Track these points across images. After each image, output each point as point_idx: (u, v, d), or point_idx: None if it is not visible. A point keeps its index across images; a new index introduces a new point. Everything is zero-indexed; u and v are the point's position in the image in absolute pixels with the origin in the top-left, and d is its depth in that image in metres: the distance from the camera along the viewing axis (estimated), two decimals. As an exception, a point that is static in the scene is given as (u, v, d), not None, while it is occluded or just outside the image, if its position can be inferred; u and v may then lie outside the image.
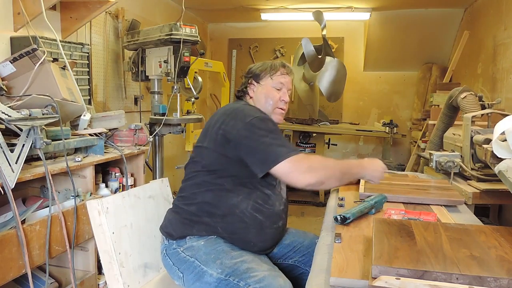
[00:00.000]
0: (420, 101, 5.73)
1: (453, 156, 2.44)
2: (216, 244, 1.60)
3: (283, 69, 1.86)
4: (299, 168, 1.52)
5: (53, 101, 2.08)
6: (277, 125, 1.73)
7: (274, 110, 1.83)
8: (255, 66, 1.91)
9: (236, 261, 1.53)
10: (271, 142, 1.56)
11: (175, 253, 1.62)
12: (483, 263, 1.02)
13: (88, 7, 2.96)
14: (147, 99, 3.89)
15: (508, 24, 3.84)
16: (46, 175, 1.92)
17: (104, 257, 1.60)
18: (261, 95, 1.84)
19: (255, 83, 1.87)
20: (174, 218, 1.69)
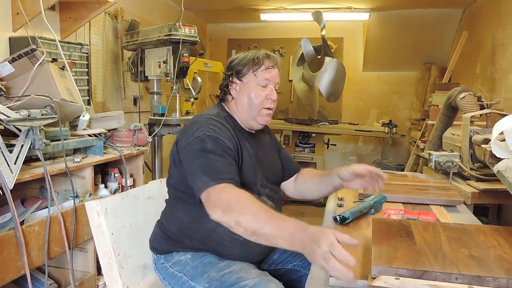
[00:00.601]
0: (419, 101, 5.73)
1: (452, 156, 2.44)
2: (203, 257, 1.53)
3: (268, 62, 1.60)
4: (213, 202, 1.28)
5: (52, 101, 2.08)
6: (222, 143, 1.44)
7: (260, 111, 1.60)
8: (236, 59, 1.64)
9: (223, 272, 1.44)
10: (196, 170, 1.36)
11: (163, 268, 1.58)
12: (482, 263, 1.02)
13: (87, 7, 2.96)
14: (146, 100, 3.89)
15: (507, 24, 3.84)
16: (45, 176, 1.92)
17: (103, 258, 1.59)
18: (244, 96, 1.60)
19: (237, 80, 1.62)
20: (159, 234, 1.63)
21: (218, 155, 1.40)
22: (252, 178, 1.55)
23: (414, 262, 1.03)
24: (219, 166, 1.37)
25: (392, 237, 1.25)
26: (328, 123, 5.35)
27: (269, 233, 1.16)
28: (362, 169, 1.56)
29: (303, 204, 5.07)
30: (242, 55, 1.63)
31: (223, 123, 1.54)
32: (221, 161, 1.39)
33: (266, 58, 1.61)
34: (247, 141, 1.61)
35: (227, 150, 1.44)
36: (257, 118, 1.61)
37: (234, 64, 1.63)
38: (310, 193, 1.81)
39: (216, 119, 1.53)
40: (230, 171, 1.38)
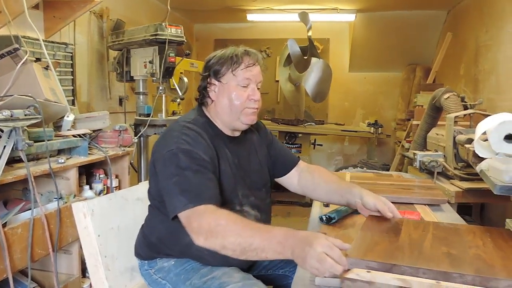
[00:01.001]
0: (404, 101, 5.79)
1: (437, 156, 2.47)
2: (186, 263, 1.48)
3: (248, 59, 1.48)
4: (195, 229, 1.22)
5: (35, 101, 2.05)
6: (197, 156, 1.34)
7: (243, 111, 1.48)
8: (213, 58, 1.51)
9: (206, 279, 1.40)
10: (172, 189, 1.29)
11: (147, 274, 1.55)
12: (455, 261, 1.04)
13: (72, 6, 2.93)
14: (132, 100, 3.86)
15: (490, 26, 3.90)
16: (28, 177, 1.89)
17: (89, 260, 1.57)
18: (224, 98, 1.48)
19: (216, 81, 1.50)
20: (141, 240, 1.59)
21: (194, 171, 1.30)
22: (232, 189, 1.47)
23: (387, 257, 1.04)
24: (196, 185, 1.28)
25: (378, 233, 1.27)
26: (315, 123, 5.38)
27: (258, 247, 1.13)
28: (384, 210, 1.43)
29: (289, 204, 5.08)
30: (220, 53, 1.51)
31: (199, 131, 1.43)
32: (198, 179, 1.30)
33: (246, 55, 1.48)
34: (227, 148, 1.51)
35: (203, 164, 1.34)
36: (241, 118, 1.50)
37: (211, 63, 1.51)
38: (317, 195, 1.71)
39: (192, 127, 1.43)
40: (208, 188, 1.30)
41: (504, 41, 3.56)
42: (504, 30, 3.56)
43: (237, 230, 1.17)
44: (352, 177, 2.28)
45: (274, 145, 1.74)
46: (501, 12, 3.65)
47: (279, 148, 1.75)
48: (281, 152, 1.75)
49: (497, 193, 1.54)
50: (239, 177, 1.51)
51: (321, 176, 1.70)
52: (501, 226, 2.08)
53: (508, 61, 3.47)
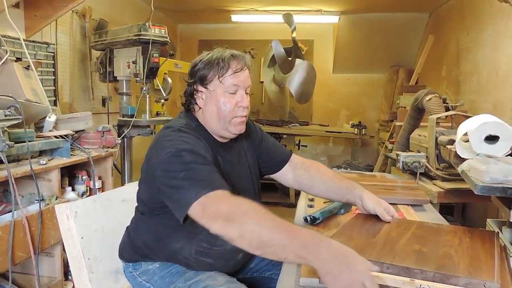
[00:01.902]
0: (387, 103, 5.85)
1: (419, 156, 2.50)
2: (171, 267, 1.45)
3: (235, 65, 1.41)
4: (211, 213, 1.12)
5: (16, 102, 2.02)
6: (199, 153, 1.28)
7: (231, 121, 1.42)
8: (199, 64, 1.43)
9: (190, 282, 1.36)
10: (181, 183, 1.20)
11: (132, 277, 1.52)
12: (422, 258, 1.06)
13: (54, 5, 2.89)
14: (115, 100, 3.82)
15: (471, 29, 3.97)
16: (9, 179, 1.86)
17: (73, 262, 1.55)
18: (212, 105, 1.42)
19: (203, 88, 1.43)
20: (127, 242, 1.55)
21: (200, 163, 1.24)
22: None
23: (357, 251, 1.04)
24: (206, 175, 1.21)
25: (357, 230, 1.28)
26: (299, 124, 5.40)
27: (278, 244, 1.03)
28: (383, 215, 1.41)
29: (274, 205, 5.09)
30: (206, 57, 1.43)
31: (194, 134, 1.39)
32: (206, 170, 1.23)
33: (233, 59, 1.41)
34: (219, 154, 1.46)
35: (206, 160, 1.28)
36: (229, 128, 1.44)
37: (196, 69, 1.43)
38: (316, 193, 1.66)
39: (187, 130, 1.38)
40: (219, 178, 1.23)
41: (484, 44, 3.63)
42: (485, 33, 3.62)
43: (259, 219, 1.08)
44: (336, 178, 2.29)
45: (265, 142, 1.68)
46: (482, 15, 3.71)
47: (270, 144, 1.70)
48: (273, 148, 1.70)
49: (478, 193, 1.56)
50: (230, 183, 1.42)
51: (319, 173, 1.65)
52: (482, 225, 2.11)
53: (488, 63, 3.54)
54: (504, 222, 1.89)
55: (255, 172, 1.64)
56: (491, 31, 3.50)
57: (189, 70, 1.47)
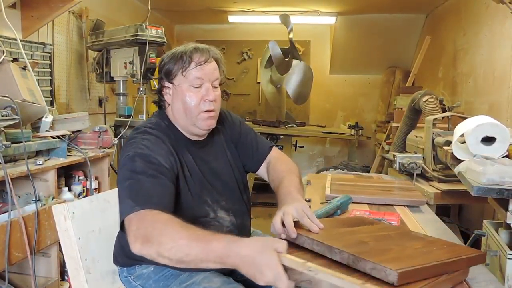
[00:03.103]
0: (384, 104, 5.86)
1: (416, 157, 2.50)
2: (165, 269, 1.42)
3: (198, 57, 1.37)
4: (132, 232, 1.13)
5: (13, 102, 2.01)
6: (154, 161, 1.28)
7: (198, 116, 1.40)
8: (165, 57, 1.42)
9: (185, 285, 1.35)
10: (123, 193, 1.23)
11: (127, 281, 1.49)
12: (354, 245, 1.08)
13: (50, 6, 2.88)
14: (112, 101, 3.82)
15: (467, 30, 3.98)
16: (5, 179, 1.85)
17: (70, 263, 1.54)
18: (178, 101, 1.40)
19: (169, 84, 1.41)
20: (118, 247, 1.53)
21: (148, 175, 1.24)
22: (198, 197, 1.41)
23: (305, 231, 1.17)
24: (147, 189, 1.22)
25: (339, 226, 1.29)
26: (296, 125, 5.41)
27: (195, 259, 1.03)
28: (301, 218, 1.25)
29: (270, 206, 5.09)
30: (171, 52, 1.40)
31: (160, 136, 1.37)
32: (151, 183, 1.23)
33: (195, 52, 1.37)
34: (191, 153, 1.44)
35: (159, 169, 1.27)
36: (197, 123, 1.41)
37: (162, 64, 1.41)
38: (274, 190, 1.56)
39: (152, 132, 1.38)
40: (160, 194, 1.23)
41: (481, 45, 3.64)
42: (481, 34, 3.64)
43: (174, 238, 1.06)
44: (333, 179, 2.29)
45: (243, 137, 1.62)
46: (478, 16, 3.73)
47: (249, 141, 1.63)
48: (251, 146, 1.63)
49: (475, 195, 1.57)
50: (206, 182, 1.44)
51: (274, 175, 1.57)
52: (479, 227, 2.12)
53: (485, 64, 3.55)
54: (500, 223, 1.90)
55: (238, 167, 1.59)
56: (488, 32, 3.52)
57: (159, 67, 1.45)
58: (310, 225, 1.19)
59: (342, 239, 1.13)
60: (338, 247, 1.02)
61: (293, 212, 1.22)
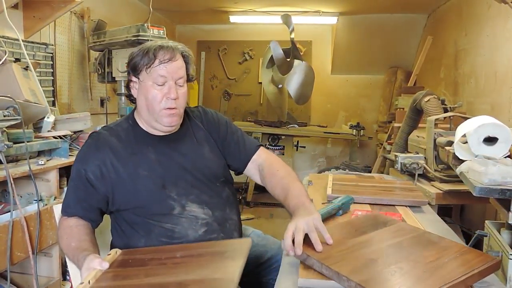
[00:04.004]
0: (385, 104, 5.86)
1: (417, 158, 2.50)
2: None
3: (163, 55, 1.39)
4: (58, 231, 1.42)
5: (14, 102, 2.02)
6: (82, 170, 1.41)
7: (160, 113, 1.42)
8: (135, 52, 1.44)
9: None
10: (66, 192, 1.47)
11: None
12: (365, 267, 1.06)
13: (52, 6, 2.88)
14: (114, 101, 3.82)
15: (469, 30, 3.98)
16: (7, 179, 1.86)
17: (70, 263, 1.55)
18: (142, 96, 1.43)
19: (135, 78, 1.45)
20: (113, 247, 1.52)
21: (74, 185, 1.44)
22: (161, 191, 1.42)
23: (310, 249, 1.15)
24: (69, 197, 1.44)
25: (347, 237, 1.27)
26: (297, 125, 5.40)
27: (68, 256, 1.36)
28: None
29: (272, 206, 5.10)
30: (141, 46, 1.43)
31: (106, 139, 1.46)
32: (74, 192, 1.44)
33: (160, 50, 1.39)
34: (154, 148, 1.47)
35: (83, 181, 1.42)
36: (159, 120, 1.44)
37: (130, 58, 1.43)
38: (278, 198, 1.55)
39: (98, 137, 1.48)
40: (77, 202, 1.42)
41: (483, 45, 3.63)
42: (483, 34, 3.63)
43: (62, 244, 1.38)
44: (335, 179, 2.29)
45: (230, 137, 1.63)
46: (480, 17, 3.72)
47: (235, 140, 1.64)
48: (238, 144, 1.63)
49: (477, 195, 1.57)
50: (171, 176, 1.45)
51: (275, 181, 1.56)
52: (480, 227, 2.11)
53: (487, 64, 3.54)
54: (502, 224, 1.90)
55: (218, 162, 1.58)
56: (490, 32, 3.51)
57: (127, 63, 1.47)
58: (316, 242, 1.17)
59: (352, 257, 1.12)
60: (345, 274, 1.01)
61: (304, 227, 1.20)
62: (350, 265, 1.06)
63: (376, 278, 1.01)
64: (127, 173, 1.42)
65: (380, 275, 1.03)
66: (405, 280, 1.01)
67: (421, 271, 1.05)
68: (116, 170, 1.41)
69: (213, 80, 6.49)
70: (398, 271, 1.04)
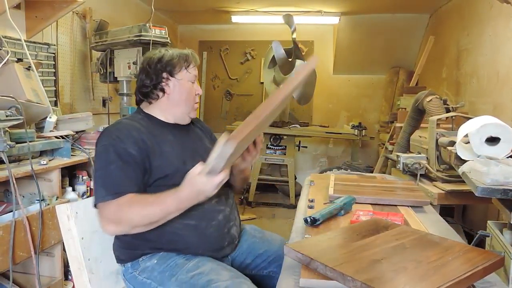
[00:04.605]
0: (387, 104, 5.85)
1: (419, 158, 2.50)
2: (169, 259, 1.51)
3: (194, 60, 1.70)
4: (105, 217, 1.42)
5: (17, 102, 2.02)
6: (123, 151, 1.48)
7: (192, 106, 1.70)
8: (164, 58, 1.65)
9: (193, 274, 1.44)
10: (96, 181, 1.48)
11: (133, 277, 1.55)
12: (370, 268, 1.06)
13: (54, 6, 2.89)
14: (116, 101, 3.83)
15: (471, 30, 3.97)
16: (9, 179, 1.86)
17: (73, 263, 1.55)
18: (181, 92, 1.66)
19: (171, 77, 1.65)
20: (116, 243, 1.61)
21: (117, 165, 1.46)
22: (179, 164, 1.56)
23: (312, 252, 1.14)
24: (115, 178, 1.45)
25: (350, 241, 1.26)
26: (299, 125, 5.40)
27: (161, 217, 1.40)
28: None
29: (274, 206, 5.10)
30: (168, 52, 1.67)
31: (132, 124, 1.59)
32: (119, 172, 1.46)
33: (193, 56, 1.70)
34: (172, 134, 1.66)
35: (128, 158, 1.48)
36: (190, 113, 1.71)
37: (166, 60, 1.65)
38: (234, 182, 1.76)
39: (126, 122, 1.62)
40: (126, 181, 1.45)
41: (484, 45, 3.63)
42: (485, 34, 3.63)
43: (138, 211, 1.40)
44: (336, 179, 2.29)
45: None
46: (482, 16, 3.72)
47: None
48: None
49: (479, 195, 1.57)
50: (188, 155, 1.61)
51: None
52: (483, 227, 2.11)
53: (488, 64, 3.54)
54: (505, 224, 1.90)
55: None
56: (492, 32, 3.51)
57: (153, 64, 1.66)
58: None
59: (355, 259, 1.12)
60: (350, 275, 1.01)
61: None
62: (355, 266, 1.06)
63: (381, 277, 1.01)
64: (154, 147, 1.56)
65: (385, 274, 1.02)
66: (410, 278, 1.01)
67: (425, 269, 1.05)
68: (146, 144, 1.54)
69: (215, 80, 6.50)
70: (402, 271, 1.04)
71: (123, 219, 1.40)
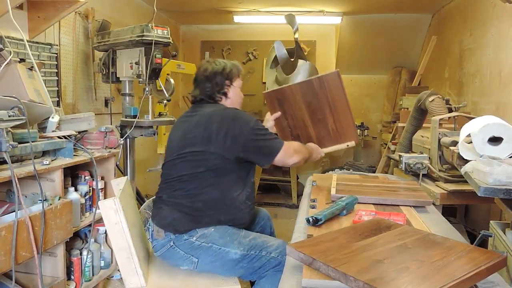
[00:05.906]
0: (390, 104, 5.84)
1: (422, 158, 2.49)
2: (226, 229, 1.87)
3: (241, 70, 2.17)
4: (289, 153, 1.94)
5: (19, 102, 2.03)
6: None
7: (241, 106, 2.14)
8: (227, 68, 2.07)
9: (250, 238, 1.87)
10: (267, 138, 1.92)
11: (187, 243, 1.84)
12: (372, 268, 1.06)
13: (57, 6, 2.89)
14: (118, 101, 3.83)
15: (473, 30, 3.96)
16: (12, 179, 1.86)
17: (121, 254, 1.74)
18: (237, 96, 2.12)
19: (230, 84, 2.08)
20: (179, 216, 1.87)
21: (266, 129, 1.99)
22: None
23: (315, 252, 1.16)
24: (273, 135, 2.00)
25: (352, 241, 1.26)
26: (301, 125, 5.39)
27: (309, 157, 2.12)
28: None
29: (276, 206, 5.10)
30: (228, 64, 2.09)
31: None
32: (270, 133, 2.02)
33: (241, 68, 2.16)
34: None
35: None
36: None
37: (228, 71, 2.06)
38: None
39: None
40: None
41: (487, 45, 3.62)
42: (488, 34, 3.62)
43: (302, 151, 2.06)
44: (339, 179, 2.29)
45: None
46: (485, 16, 3.71)
47: None
48: None
49: (481, 195, 1.56)
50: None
51: None
52: (485, 227, 2.11)
53: (491, 64, 3.53)
54: (507, 224, 1.89)
55: None
56: (494, 32, 3.50)
57: (219, 73, 2.05)
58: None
59: (358, 259, 1.12)
60: (353, 275, 1.01)
61: None
62: (357, 266, 1.06)
63: (383, 277, 1.01)
64: None
65: (387, 274, 1.02)
66: (412, 278, 1.00)
67: (427, 270, 1.05)
68: None
69: (217, 80, 6.49)
70: (405, 271, 1.04)
71: (298, 152, 2.00)
